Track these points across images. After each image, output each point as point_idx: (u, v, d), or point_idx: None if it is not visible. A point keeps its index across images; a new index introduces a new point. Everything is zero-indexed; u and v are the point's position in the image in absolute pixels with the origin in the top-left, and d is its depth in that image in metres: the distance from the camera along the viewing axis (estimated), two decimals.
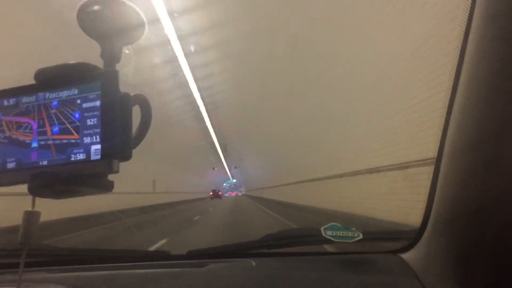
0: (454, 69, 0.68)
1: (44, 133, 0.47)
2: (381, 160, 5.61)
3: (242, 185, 77.28)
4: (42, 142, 0.47)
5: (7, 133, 0.48)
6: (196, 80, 11.40)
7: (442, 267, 0.71)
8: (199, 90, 12.32)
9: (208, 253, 1.17)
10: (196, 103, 13.67)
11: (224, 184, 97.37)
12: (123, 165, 0.47)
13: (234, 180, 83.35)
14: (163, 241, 5.35)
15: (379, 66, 5.51)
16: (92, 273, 1.05)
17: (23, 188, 0.47)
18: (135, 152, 0.48)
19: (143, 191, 14.95)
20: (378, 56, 5.46)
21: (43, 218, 0.50)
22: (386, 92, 5.45)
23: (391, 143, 5.42)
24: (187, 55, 10.17)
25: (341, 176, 8.01)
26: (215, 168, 24.86)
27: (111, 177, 0.47)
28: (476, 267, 0.61)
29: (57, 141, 0.46)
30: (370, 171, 6.14)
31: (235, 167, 26.69)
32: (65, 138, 0.46)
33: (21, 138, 0.48)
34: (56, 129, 0.47)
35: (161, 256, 1.21)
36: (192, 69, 10.55)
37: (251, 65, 9.94)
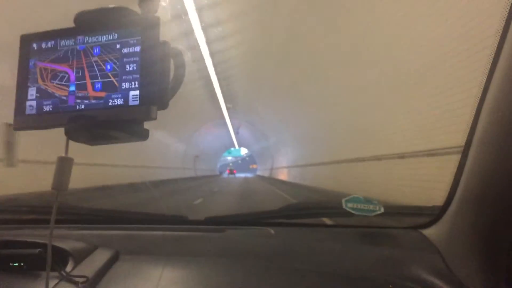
0: (492, 56, 0.65)
1: (83, 82, 0.46)
2: None
3: (256, 161, 51.58)
4: (80, 87, 0.47)
5: (44, 82, 0.48)
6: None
7: (467, 243, 0.70)
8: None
9: (226, 220, 1.18)
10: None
11: (229, 158, 62.27)
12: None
13: (244, 152, 53.38)
14: None
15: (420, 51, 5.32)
16: (111, 232, 1.06)
17: (47, 156, 0.46)
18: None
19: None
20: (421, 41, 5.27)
21: None
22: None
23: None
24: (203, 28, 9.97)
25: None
26: None
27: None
28: (502, 245, 0.61)
29: (96, 86, 0.46)
30: None
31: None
32: (103, 85, 0.46)
33: (58, 87, 0.47)
34: (94, 76, 0.46)
35: (179, 221, 1.22)
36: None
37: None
